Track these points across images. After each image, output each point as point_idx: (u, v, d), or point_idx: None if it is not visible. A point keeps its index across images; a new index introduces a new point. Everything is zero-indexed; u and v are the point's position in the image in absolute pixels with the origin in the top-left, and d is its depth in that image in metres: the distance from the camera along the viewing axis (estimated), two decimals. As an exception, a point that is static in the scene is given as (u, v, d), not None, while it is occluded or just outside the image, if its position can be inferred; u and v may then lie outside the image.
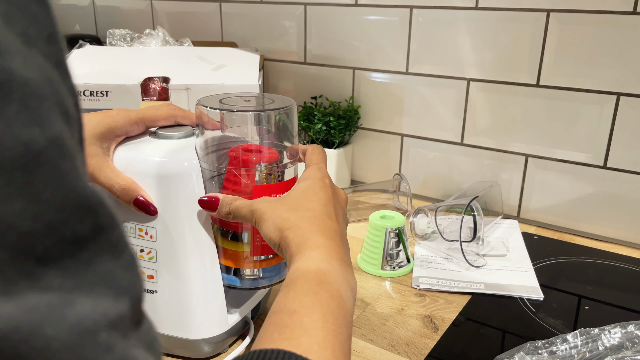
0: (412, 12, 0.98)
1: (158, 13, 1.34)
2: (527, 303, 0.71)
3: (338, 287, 0.40)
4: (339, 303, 0.39)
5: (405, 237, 0.79)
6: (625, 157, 0.86)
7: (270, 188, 0.55)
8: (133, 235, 0.56)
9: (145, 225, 0.55)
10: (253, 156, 0.56)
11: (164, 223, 0.55)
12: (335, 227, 0.47)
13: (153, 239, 0.55)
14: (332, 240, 0.45)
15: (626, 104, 0.84)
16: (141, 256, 0.56)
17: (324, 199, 0.49)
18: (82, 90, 0.86)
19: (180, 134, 0.58)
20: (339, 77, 1.10)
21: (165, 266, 0.56)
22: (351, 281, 0.43)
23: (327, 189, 0.50)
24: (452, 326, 0.66)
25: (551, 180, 0.93)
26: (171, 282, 0.56)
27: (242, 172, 0.55)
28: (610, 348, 0.53)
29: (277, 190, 0.56)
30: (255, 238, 0.56)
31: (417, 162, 1.06)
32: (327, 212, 0.48)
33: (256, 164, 0.56)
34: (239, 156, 0.56)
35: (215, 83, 0.88)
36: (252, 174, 0.55)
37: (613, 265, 0.82)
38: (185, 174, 0.54)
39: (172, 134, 0.58)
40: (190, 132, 0.59)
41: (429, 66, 0.99)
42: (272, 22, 1.16)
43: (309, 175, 0.51)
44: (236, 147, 0.57)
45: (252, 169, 0.55)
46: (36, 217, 0.19)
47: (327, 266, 0.42)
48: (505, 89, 0.93)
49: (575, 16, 0.84)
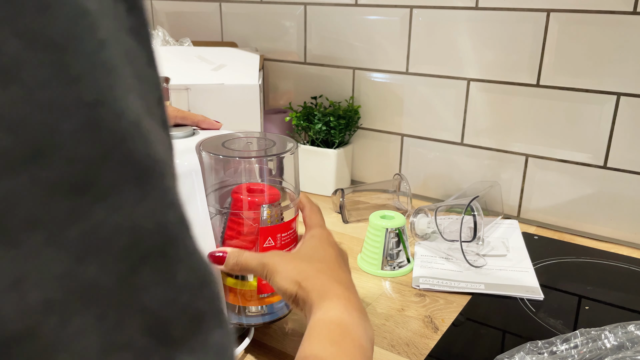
0: (412, 12, 0.98)
1: (158, 13, 1.34)
2: (527, 303, 0.71)
3: (359, 337, 0.44)
4: (361, 352, 0.43)
5: (405, 237, 0.79)
6: (625, 157, 0.86)
7: (276, 229, 0.56)
8: None
9: None
10: (257, 197, 0.56)
11: None
12: (349, 278, 0.51)
13: None
14: (349, 290, 0.48)
15: (626, 104, 0.84)
16: None
17: (333, 254, 0.52)
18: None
19: (180, 134, 0.58)
20: (339, 77, 1.10)
21: None
22: (369, 331, 0.46)
23: (335, 245, 0.54)
24: (452, 326, 0.66)
25: (551, 180, 0.93)
26: None
27: (249, 214, 0.55)
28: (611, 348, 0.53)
29: (282, 230, 0.56)
30: (260, 277, 0.56)
31: (417, 162, 1.06)
32: (339, 263, 0.51)
33: (261, 205, 0.55)
34: (244, 198, 0.56)
35: (215, 83, 0.88)
36: (257, 217, 0.55)
37: (613, 265, 0.82)
38: (185, 174, 0.54)
39: (171, 134, 0.58)
40: (190, 132, 0.59)
41: (429, 66, 0.99)
42: (272, 22, 1.16)
43: (315, 234, 0.54)
44: (239, 188, 0.56)
45: (257, 211, 0.55)
46: (174, 301, 0.19)
47: (349, 317, 0.45)
48: (505, 89, 0.93)
49: (575, 16, 0.84)
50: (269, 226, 0.56)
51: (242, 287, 0.57)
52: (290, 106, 1.12)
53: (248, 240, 0.56)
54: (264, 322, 0.59)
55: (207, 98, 0.88)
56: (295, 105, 1.16)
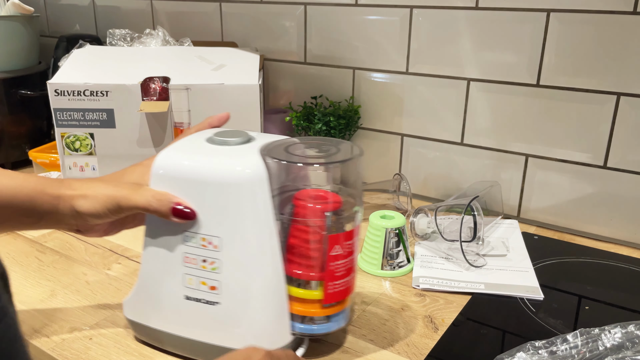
0: (412, 12, 0.98)
1: (158, 13, 1.34)
2: (527, 303, 0.71)
3: None
4: None
5: (405, 237, 0.79)
6: (625, 157, 0.86)
7: (343, 237, 0.55)
8: (195, 245, 0.54)
9: (208, 235, 0.53)
10: (322, 204, 0.55)
11: (229, 232, 0.53)
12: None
13: (217, 249, 0.53)
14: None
15: (626, 104, 0.84)
16: (203, 267, 0.54)
17: None
18: (83, 90, 0.86)
19: (237, 139, 0.57)
20: (339, 77, 1.10)
21: (229, 277, 0.54)
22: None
23: None
24: (452, 326, 0.66)
25: (551, 180, 0.93)
26: (234, 294, 0.54)
27: (315, 222, 0.54)
28: (611, 348, 0.53)
29: (348, 238, 0.55)
30: (327, 286, 0.55)
31: (417, 162, 1.06)
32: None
33: (325, 212, 0.54)
34: (311, 205, 0.54)
35: (215, 83, 0.88)
36: (323, 225, 0.54)
37: (613, 265, 0.82)
38: (249, 181, 0.52)
39: (228, 140, 0.57)
40: (246, 137, 0.58)
41: (429, 66, 0.99)
42: (272, 22, 1.16)
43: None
44: (300, 194, 0.55)
45: (322, 219, 0.54)
46: None
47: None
48: (505, 89, 0.93)
49: (575, 16, 0.84)
50: (337, 234, 0.55)
51: (306, 296, 0.56)
52: (291, 106, 1.12)
53: (313, 248, 0.55)
54: (327, 331, 0.58)
55: (207, 98, 0.88)
56: (296, 105, 1.16)
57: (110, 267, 0.79)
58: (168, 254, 0.56)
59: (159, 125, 0.89)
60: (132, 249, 0.84)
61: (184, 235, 0.55)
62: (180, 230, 0.55)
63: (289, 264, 0.56)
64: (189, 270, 0.55)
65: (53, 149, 1.15)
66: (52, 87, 0.86)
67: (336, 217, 0.55)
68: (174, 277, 0.56)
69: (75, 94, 0.87)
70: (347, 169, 0.56)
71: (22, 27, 1.22)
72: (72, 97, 0.87)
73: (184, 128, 0.90)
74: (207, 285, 0.55)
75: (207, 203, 0.53)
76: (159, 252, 0.57)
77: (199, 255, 0.54)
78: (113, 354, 0.60)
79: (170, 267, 0.56)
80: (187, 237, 0.55)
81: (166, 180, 0.55)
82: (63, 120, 0.87)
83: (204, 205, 0.54)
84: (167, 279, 0.57)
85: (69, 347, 0.61)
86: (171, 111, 0.89)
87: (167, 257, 0.56)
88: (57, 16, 1.57)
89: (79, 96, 0.87)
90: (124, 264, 0.80)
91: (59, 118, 0.87)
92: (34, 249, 0.84)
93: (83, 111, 0.87)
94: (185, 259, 0.55)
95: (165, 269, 0.57)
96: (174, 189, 0.54)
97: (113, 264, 0.80)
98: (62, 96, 0.86)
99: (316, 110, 1.07)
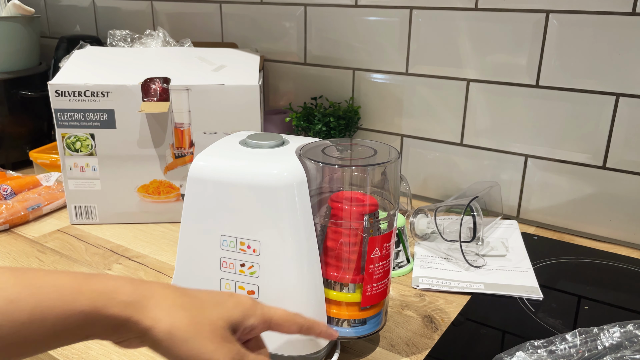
0: (412, 13, 0.98)
1: (158, 14, 1.34)
2: (527, 303, 0.71)
3: None
4: None
5: (405, 237, 0.79)
6: (624, 158, 0.86)
7: (382, 239, 0.54)
8: (233, 249, 0.54)
9: (247, 239, 0.53)
10: (360, 206, 0.54)
11: (268, 236, 0.52)
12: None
13: (256, 253, 0.53)
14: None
15: (625, 105, 0.84)
16: (241, 271, 0.54)
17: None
18: (83, 91, 0.87)
19: (271, 142, 0.57)
20: (339, 77, 1.10)
21: (267, 281, 0.53)
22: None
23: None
24: (452, 326, 0.66)
25: (551, 180, 0.93)
26: (273, 298, 0.53)
27: (354, 224, 0.54)
28: (609, 347, 0.53)
29: (386, 240, 0.55)
30: (366, 288, 0.55)
31: (417, 163, 1.06)
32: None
33: (363, 215, 0.54)
34: (349, 208, 0.54)
35: (215, 83, 0.88)
36: (361, 227, 0.54)
37: (612, 265, 0.82)
38: (288, 185, 0.52)
39: (262, 143, 0.57)
40: (280, 140, 0.58)
41: (429, 67, 0.99)
42: (272, 22, 1.16)
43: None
44: (337, 196, 0.55)
45: (360, 221, 0.54)
46: None
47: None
48: (505, 90, 0.93)
49: (575, 16, 0.84)
50: (377, 236, 0.54)
51: (344, 299, 0.56)
52: (291, 107, 1.12)
53: (351, 251, 0.55)
54: (364, 334, 0.58)
55: (207, 99, 0.88)
56: (296, 105, 1.16)
57: (110, 267, 0.79)
58: (204, 258, 0.55)
59: (159, 125, 0.89)
60: (133, 249, 0.85)
61: (221, 239, 0.54)
62: (217, 235, 0.54)
63: (325, 267, 0.56)
64: (226, 274, 0.54)
65: (53, 149, 1.15)
66: (52, 87, 0.86)
67: (374, 219, 0.54)
68: (210, 282, 0.55)
69: (76, 94, 0.87)
70: (385, 171, 0.56)
71: (23, 28, 1.23)
72: (73, 97, 0.87)
73: (184, 129, 0.90)
74: (245, 290, 0.54)
75: (246, 207, 0.53)
76: (194, 256, 0.56)
77: (237, 260, 0.54)
78: (114, 354, 0.60)
79: (206, 272, 0.55)
80: (224, 241, 0.54)
81: (204, 184, 0.54)
82: (64, 120, 0.88)
83: (242, 209, 0.53)
84: (203, 285, 0.55)
85: (69, 347, 0.61)
86: (171, 112, 0.89)
87: (203, 261, 0.55)
88: (57, 17, 1.57)
89: (80, 97, 0.87)
90: (125, 264, 0.80)
91: (59, 119, 0.88)
92: (35, 249, 0.84)
93: (84, 112, 0.87)
94: (223, 264, 0.55)
95: (201, 274, 0.56)
96: (212, 193, 0.53)
97: (113, 264, 0.80)
98: (63, 97, 0.87)
99: (316, 111, 1.07)
